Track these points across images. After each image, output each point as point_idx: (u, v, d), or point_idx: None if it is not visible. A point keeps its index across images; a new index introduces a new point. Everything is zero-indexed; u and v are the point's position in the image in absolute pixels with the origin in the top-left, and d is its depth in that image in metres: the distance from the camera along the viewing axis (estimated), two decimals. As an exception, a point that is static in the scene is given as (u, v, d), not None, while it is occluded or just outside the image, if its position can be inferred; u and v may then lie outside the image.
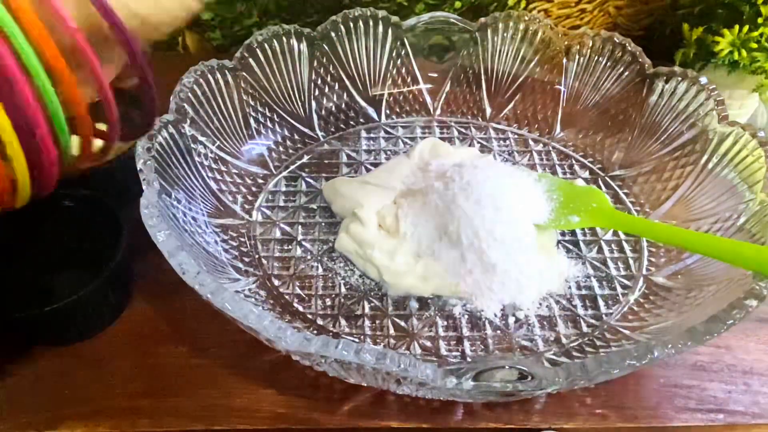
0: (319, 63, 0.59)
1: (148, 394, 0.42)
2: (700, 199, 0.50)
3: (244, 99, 0.55)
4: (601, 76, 0.59)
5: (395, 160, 0.55)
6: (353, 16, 0.59)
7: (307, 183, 0.56)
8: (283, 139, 0.58)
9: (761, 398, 0.43)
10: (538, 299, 0.46)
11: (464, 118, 0.63)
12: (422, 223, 0.47)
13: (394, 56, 0.62)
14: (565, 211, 0.49)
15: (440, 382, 0.34)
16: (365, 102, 0.62)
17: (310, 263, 0.49)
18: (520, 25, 0.60)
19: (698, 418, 0.42)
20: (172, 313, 0.46)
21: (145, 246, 0.39)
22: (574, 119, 0.60)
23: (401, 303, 0.46)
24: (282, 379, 0.42)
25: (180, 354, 0.44)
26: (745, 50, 0.54)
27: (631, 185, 0.55)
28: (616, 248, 0.51)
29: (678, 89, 0.53)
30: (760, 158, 0.46)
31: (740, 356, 0.45)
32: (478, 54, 0.62)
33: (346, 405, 0.41)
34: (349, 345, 0.34)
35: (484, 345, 0.44)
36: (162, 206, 0.41)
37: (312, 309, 0.46)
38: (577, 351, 0.43)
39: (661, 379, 0.43)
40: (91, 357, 0.44)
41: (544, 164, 0.58)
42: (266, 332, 0.35)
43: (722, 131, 0.49)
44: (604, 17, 0.70)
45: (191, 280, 0.37)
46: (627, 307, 0.46)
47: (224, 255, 0.47)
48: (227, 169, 0.53)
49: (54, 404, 0.41)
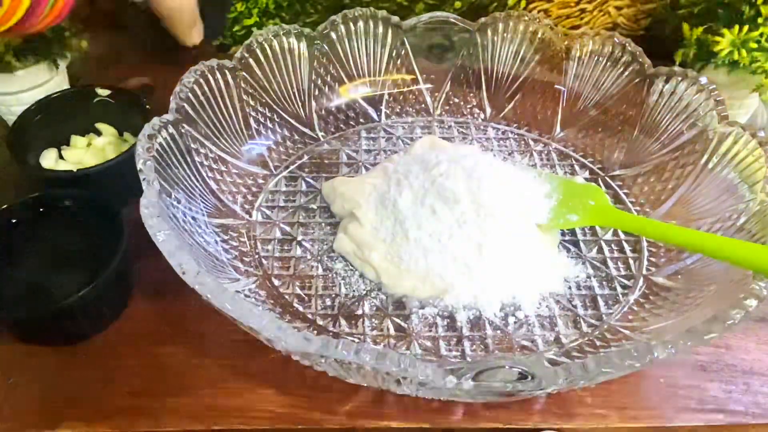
0: (319, 63, 0.59)
1: (148, 394, 0.42)
2: (700, 199, 0.50)
3: (244, 99, 0.55)
4: (601, 76, 0.59)
5: (393, 158, 0.55)
6: (353, 16, 0.59)
7: (307, 183, 0.56)
8: (283, 139, 0.58)
9: (761, 398, 0.43)
10: (538, 299, 0.46)
11: (464, 118, 0.63)
12: (422, 224, 0.47)
13: (394, 56, 0.62)
14: (563, 210, 0.49)
15: (440, 382, 0.34)
16: (365, 102, 0.62)
17: (310, 263, 0.49)
18: (520, 25, 0.60)
19: (698, 418, 0.42)
20: (172, 313, 0.46)
21: (145, 246, 0.39)
22: (574, 119, 0.60)
23: (401, 303, 0.46)
24: (282, 379, 0.42)
25: (180, 354, 0.44)
26: (745, 50, 0.54)
27: (631, 185, 0.55)
28: (616, 248, 0.51)
29: (678, 89, 0.53)
30: (760, 158, 0.46)
31: (740, 356, 0.45)
32: (478, 54, 0.62)
33: (346, 405, 0.41)
34: (349, 345, 0.34)
35: (484, 345, 0.44)
36: (162, 206, 0.41)
37: (312, 309, 0.46)
38: (577, 351, 0.43)
39: (661, 379, 0.43)
40: (92, 357, 0.44)
41: (544, 164, 0.58)
42: (266, 332, 0.35)
43: (722, 131, 0.49)
44: (604, 17, 0.70)
45: (191, 280, 0.37)
46: (627, 307, 0.46)
47: (224, 255, 0.47)
48: (227, 169, 0.53)
49: (54, 404, 0.41)
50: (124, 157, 0.50)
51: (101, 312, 0.45)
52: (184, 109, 0.49)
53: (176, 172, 0.47)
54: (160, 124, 0.46)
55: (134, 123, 0.54)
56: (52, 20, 0.40)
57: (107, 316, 0.45)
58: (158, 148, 0.45)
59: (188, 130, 0.49)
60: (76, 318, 0.43)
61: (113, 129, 0.58)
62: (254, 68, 0.56)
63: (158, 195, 0.41)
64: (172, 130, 0.47)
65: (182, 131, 0.48)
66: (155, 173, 0.43)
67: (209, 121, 0.52)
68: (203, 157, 0.51)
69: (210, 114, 0.52)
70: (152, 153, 0.44)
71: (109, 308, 0.45)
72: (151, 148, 0.44)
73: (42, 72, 0.58)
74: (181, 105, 0.49)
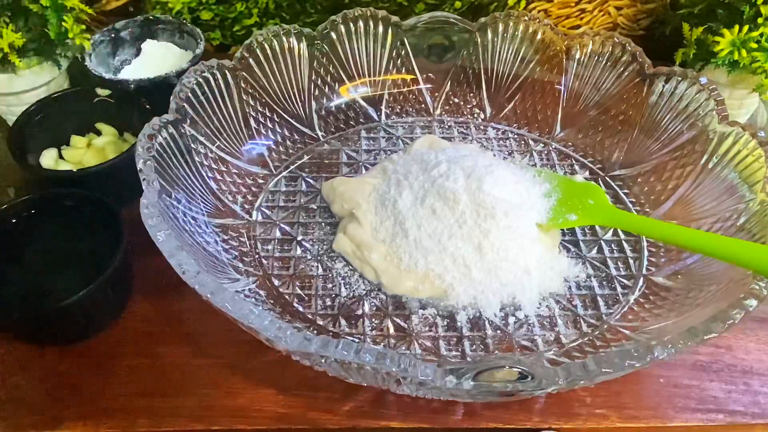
0: (319, 63, 0.59)
1: (148, 394, 0.42)
2: (700, 199, 0.50)
3: (244, 99, 0.55)
4: (601, 76, 0.59)
5: (392, 158, 0.55)
6: (353, 16, 0.59)
7: (307, 183, 0.56)
8: (283, 139, 0.58)
9: (761, 398, 0.43)
10: (538, 299, 0.46)
11: (464, 118, 0.63)
12: (422, 224, 0.47)
13: (394, 56, 0.62)
14: (563, 209, 0.49)
15: (440, 382, 0.34)
16: (365, 102, 0.62)
17: (310, 263, 0.49)
18: (520, 25, 0.60)
19: (698, 418, 0.42)
20: (172, 313, 0.46)
21: (145, 246, 0.39)
22: (574, 119, 0.60)
23: (401, 303, 0.46)
24: (282, 379, 0.42)
25: (180, 354, 0.44)
26: (745, 50, 0.54)
27: (631, 185, 0.55)
28: (616, 248, 0.51)
29: (678, 89, 0.53)
30: (760, 158, 0.46)
31: (740, 356, 0.45)
32: (478, 54, 0.62)
33: (346, 405, 0.41)
34: (349, 345, 0.34)
35: (484, 345, 0.44)
36: (162, 206, 0.41)
37: (312, 309, 0.46)
38: (577, 351, 0.43)
39: (661, 379, 0.43)
40: (92, 357, 0.44)
41: (544, 164, 0.58)
42: (266, 332, 0.35)
43: (722, 131, 0.49)
44: (604, 17, 0.70)
45: (191, 280, 0.37)
46: (627, 307, 0.46)
47: (224, 255, 0.47)
48: (227, 169, 0.53)
49: (54, 404, 0.41)
50: (124, 157, 0.50)
51: (101, 312, 0.45)
52: (184, 109, 0.49)
53: (176, 172, 0.47)
54: (160, 124, 0.46)
55: (134, 123, 0.54)
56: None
57: (107, 316, 0.45)
58: (158, 148, 0.45)
59: (188, 130, 0.49)
60: (76, 318, 0.43)
61: (113, 129, 0.58)
62: (254, 68, 0.56)
63: (158, 195, 0.41)
64: (172, 130, 0.47)
65: (182, 131, 0.48)
66: (155, 173, 0.43)
67: (209, 121, 0.52)
68: (203, 157, 0.51)
69: (210, 114, 0.52)
70: (152, 153, 0.44)
71: (109, 308, 0.45)
72: (151, 148, 0.44)
73: (44, 72, 0.58)
74: (181, 105, 0.49)
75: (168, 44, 0.64)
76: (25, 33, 0.55)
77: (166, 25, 0.65)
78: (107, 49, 0.63)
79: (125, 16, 0.67)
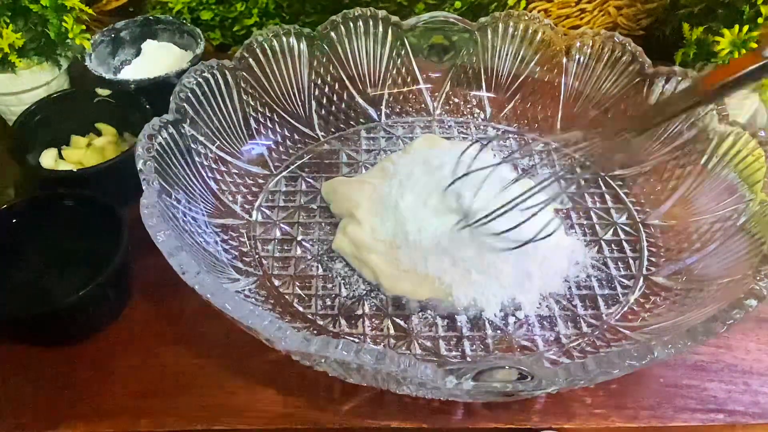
0: (319, 63, 0.59)
1: (148, 394, 0.42)
2: (700, 199, 0.50)
3: (244, 99, 0.55)
4: (601, 76, 0.59)
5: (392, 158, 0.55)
6: (353, 16, 0.59)
7: (307, 183, 0.56)
8: (283, 139, 0.58)
9: (761, 398, 0.43)
10: (538, 299, 0.46)
11: (464, 118, 0.63)
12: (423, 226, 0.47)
13: (394, 56, 0.62)
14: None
15: (440, 382, 0.34)
16: (365, 102, 0.62)
17: (310, 263, 0.49)
18: (520, 25, 0.60)
19: (698, 418, 0.42)
20: (172, 313, 0.46)
21: (145, 246, 0.39)
22: (574, 119, 0.60)
23: (401, 303, 0.46)
24: (282, 379, 0.42)
25: (180, 354, 0.44)
26: (745, 50, 0.54)
27: (631, 185, 0.55)
28: (616, 248, 0.51)
29: (678, 89, 0.53)
30: (760, 158, 0.46)
31: (740, 356, 0.45)
32: (478, 54, 0.62)
33: (346, 405, 0.41)
34: (349, 345, 0.34)
35: (484, 345, 0.44)
36: (162, 206, 0.41)
37: (312, 309, 0.46)
38: (577, 351, 0.43)
39: (661, 379, 0.43)
40: (91, 357, 0.44)
41: (545, 164, 0.58)
42: (266, 332, 0.35)
43: (722, 131, 0.49)
44: (604, 17, 0.70)
45: (191, 280, 0.37)
46: (627, 307, 0.46)
47: (224, 255, 0.47)
48: (227, 169, 0.53)
49: (54, 404, 0.41)
50: (124, 157, 0.50)
51: (101, 312, 0.45)
52: (184, 109, 0.49)
53: (176, 172, 0.47)
54: (160, 124, 0.46)
55: (134, 123, 0.54)
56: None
57: (107, 316, 0.45)
58: (158, 148, 0.45)
59: (188, 130, 0.49)
60: (76, 318, 0.43)
61: (113, 129, 0.58)
62: (254, 68, 0.56)
63: (158, 195, 0.41)
64: (172, 130, 0.47)
65: (182, 131, 0.48)
66: (155, 173, 0.43)
67: (209, 121, 0.52)
68: (203, 157, 0.51)
69: (210, 114, 0.52)
70: (152, 153, 0.44)
71: (109, 308, 0.45)
72: (151, 148, 0.44)
73: (44, 72, 0.58)
74: (181, 105, 0.49)
75: (168, 44, 0.64)
76: (25, 33, 0.55)
77: (166, 25, 0.64)
78: (107, 50, 0.63)
79: (125, 16, 0.67)
